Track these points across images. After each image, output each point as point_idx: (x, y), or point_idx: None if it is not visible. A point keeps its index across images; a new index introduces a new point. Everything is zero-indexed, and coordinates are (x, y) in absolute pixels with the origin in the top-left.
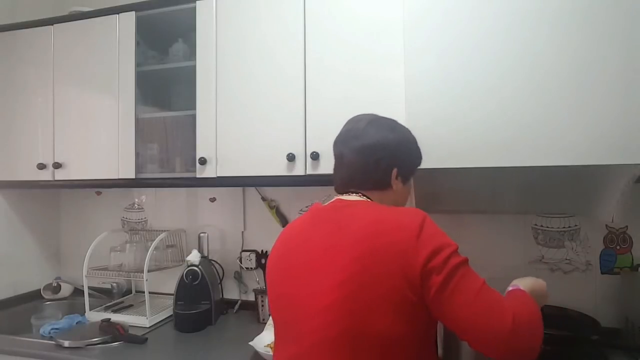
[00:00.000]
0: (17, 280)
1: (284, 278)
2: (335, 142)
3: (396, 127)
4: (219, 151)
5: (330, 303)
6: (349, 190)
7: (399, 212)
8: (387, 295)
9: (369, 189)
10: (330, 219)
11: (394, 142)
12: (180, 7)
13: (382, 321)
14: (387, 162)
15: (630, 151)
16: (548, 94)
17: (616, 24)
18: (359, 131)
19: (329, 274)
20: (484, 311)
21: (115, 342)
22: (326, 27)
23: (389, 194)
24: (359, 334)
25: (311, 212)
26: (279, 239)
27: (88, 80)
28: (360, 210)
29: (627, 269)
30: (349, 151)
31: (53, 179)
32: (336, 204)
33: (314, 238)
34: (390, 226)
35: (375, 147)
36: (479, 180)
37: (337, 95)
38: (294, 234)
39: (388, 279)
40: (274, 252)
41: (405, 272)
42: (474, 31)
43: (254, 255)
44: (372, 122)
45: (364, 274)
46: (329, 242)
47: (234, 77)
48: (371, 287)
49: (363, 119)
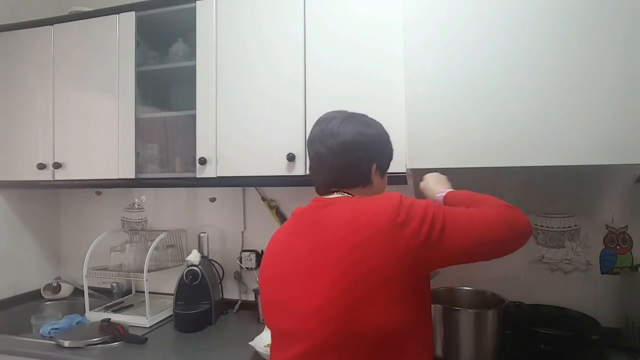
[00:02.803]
0: (17, 280)
1: (274, 285)
2: (310, 142)
3: (370, 122)
4: (219, 151)
5: (323, 304)
6: (330, 191)
7: (375, 201)
8: (383, 288)
9: (351, 187)
10: (311, 220)
11: (372, 137)
12: (180, 7)
13: (380, 315)
14: (367, 159)
15: (630, 151)
16: (548, 93)
17: (616, 24)
18: (335, 129)
19: (318, 274)
20: (483, 231)
21: (115, 342)
22: (326, 27)
23: (370, 189)
24: (355, 332)
25: (293, 217)
26: (268, 246)
27: (88, 80)
28: (338, 208)
29: (627, 269)
30: (327, 150)
31: (53, 179)
32: (316, 204)
33: (298, 242)
34: (369, 216)
35: (355, 144)
36: (479, 180)
37: (337, 95)
38: (280, 240)
39: (380, 271)
40: (264, 261)
41: (395, 256)
42: (474, 31)
43: (254, 255)
44: (347, 119)
45: (354, 271)
46: (313, 243)
47: (234, 77)
48: (363, 283)
49: (337, 116)
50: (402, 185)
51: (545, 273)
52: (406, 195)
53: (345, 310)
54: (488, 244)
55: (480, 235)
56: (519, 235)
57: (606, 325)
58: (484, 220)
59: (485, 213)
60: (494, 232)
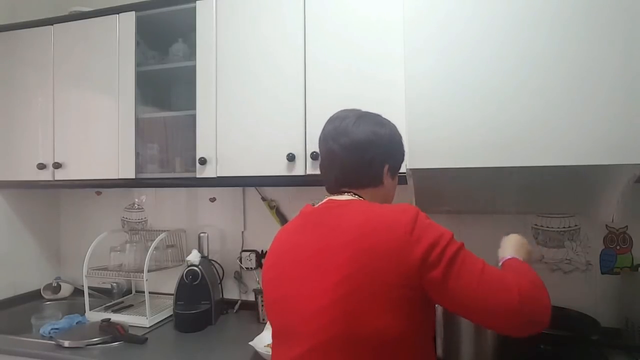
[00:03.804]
0: (17, 280)
1: (279, 282)
2: (322, 139)
3: (384, 121)
4: (219, 151)
5: (326, 305)
6: (341, 190)
7: (390, 209)
8: (383, 294)
9: (362, 186)
10: (321, 220)
11: (386, 137)
12: (180, 7)
13: (378, 320)
14: (380, 159)
15: (630, 151)
16: (548, 93)
17: (616, 24)
18: (349, 127)
19: (324, 275)
20: (490, 292)
21: (115, 342)
22: (326, 26)
23: (380, 189)
24: (356, 335)
25: (302, 215)
26: (272, 244)
27: (88, 80)
28: (351, 210)
29: (627, 269)
30: (340, 148)
31: (53, 179)
32: (327, 204)
33: (306, 241)
34: (383, 224)
35: (368, 143)
36: (479, 180)
37: (337, 95)
38: (286, 238)
39: (383, 277)
40: (268, 258)
41: (400, 269)
42: (474, 31)
43: (254, 255)
44: (361, 118)
45: (359, 274)
46: (322, 244)
47: (233, 77)
48: (366, 287)
49: (350, 115)
50: (402, 185)
51: (545, 273)
52: (422, 212)
53: (347, 312)
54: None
55: (485, 290)
56: (527, 317)
57: (606, 325)
58: (498, 279)
59: (504, 275)
60: (500, 297)
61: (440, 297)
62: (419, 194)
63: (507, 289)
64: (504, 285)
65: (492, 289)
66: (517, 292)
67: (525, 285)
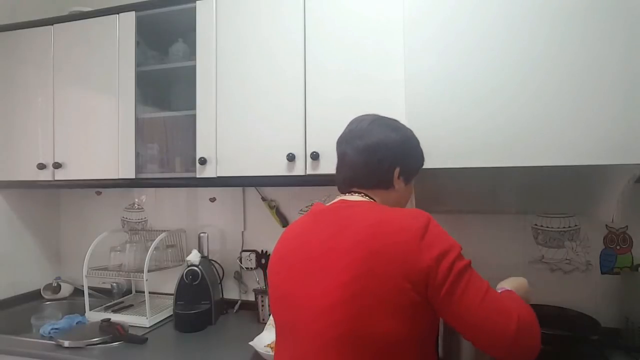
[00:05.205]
0: (17, 280)
1: (285, 279)
2: (338, 142)
3: (399, 126)
4: (219, 151)
5: (333, 304)
6: (351, 190)
7: (402, 213)
8: (390, 297)
9: (371, 188)
10: (332, 220)
11: (397, 141)
12: (180, 7)
13: (384, 322)
14: (389, 162)
15: (630, 151)
16: (548, 94)
17: (616, 24)
18: (362, 130)
19: (331, 275)
20: (491, 315)
21: (115, 342)
22: (326, 27)
23: (392, 193)
24: (362, 336)
25: (312, 213)
26: (280, 240)
27: (88, 80)
28: (362, 211)
29: (627, 269)
30: (352, 150)
31: (53, 179)
32: (338, 204)
33: (315, 239)
34: (394, 227)
35: (378, 146)
36: (479, 180)
37: (337, 95)
38: (295, 235)
39: (390, 280)
40: (275, 254)
41: (408, 273)
42: (474, 31)
43: (254, 255)
44: (375, 122)
45: (367, 275)
46: (331, 243)
47: (233, 77)
48: (374, 288)
49: (366, 118)
50: None
51: (545, 273)
52: (436, 222)
53: (355, 312)
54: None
55: (487, 310)
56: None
57: (606, 325)
58: (500, 302)
59: (506, 301)
60: (499, 320)
61: (441, 307)
62: (419, 194)
63: (507, 314)
64: (505, 309)
65: (493, 310)
66: (516, 319)
67: (524, 315)
